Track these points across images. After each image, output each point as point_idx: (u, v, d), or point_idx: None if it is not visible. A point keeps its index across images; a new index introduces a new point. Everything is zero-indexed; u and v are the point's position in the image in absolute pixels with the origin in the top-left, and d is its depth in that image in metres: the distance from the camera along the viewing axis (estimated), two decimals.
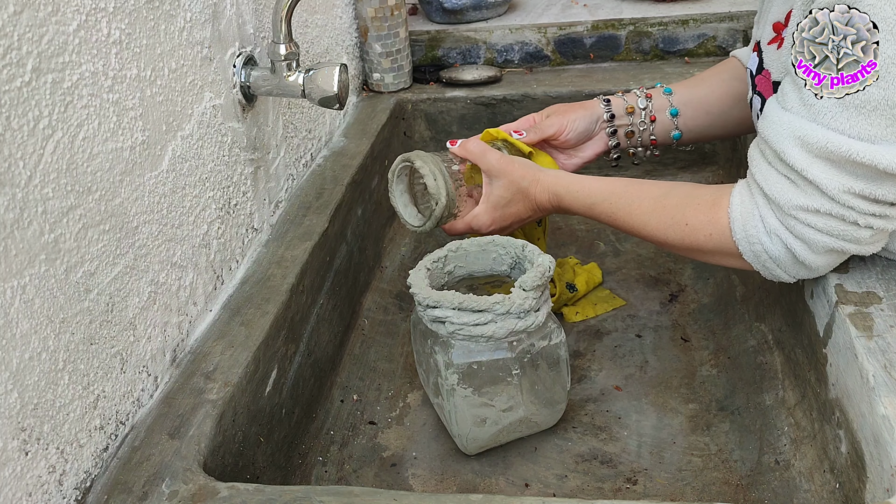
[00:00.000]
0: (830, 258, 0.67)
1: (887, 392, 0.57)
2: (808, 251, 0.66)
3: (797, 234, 0.66)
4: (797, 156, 0.63)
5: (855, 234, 0.64)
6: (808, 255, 0.66)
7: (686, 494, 0.74)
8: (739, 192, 0.71)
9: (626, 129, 0.95)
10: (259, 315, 0.76)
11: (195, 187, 0.74)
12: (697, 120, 0.94)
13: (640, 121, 0.94)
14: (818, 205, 0.64)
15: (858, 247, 0.65)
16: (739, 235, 0.70)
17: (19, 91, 0.50)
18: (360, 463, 0.80)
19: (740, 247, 0.70)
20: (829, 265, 0.69)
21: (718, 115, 0.94)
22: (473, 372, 0.74)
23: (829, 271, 0.70)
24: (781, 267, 0.69)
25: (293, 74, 0.81)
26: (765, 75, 0.75)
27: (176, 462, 0.59)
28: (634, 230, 0.79)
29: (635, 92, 0.95)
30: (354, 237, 1.01)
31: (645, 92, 0.95)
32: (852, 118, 0.60)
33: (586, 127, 0.94)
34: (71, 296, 0.56)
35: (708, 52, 1.29)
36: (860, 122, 0.59)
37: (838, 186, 0.62)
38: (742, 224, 0.69)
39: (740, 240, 0.70)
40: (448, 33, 1.34)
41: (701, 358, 0.91)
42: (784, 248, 0.67)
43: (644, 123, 0.95)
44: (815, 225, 0.65)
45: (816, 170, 0.62)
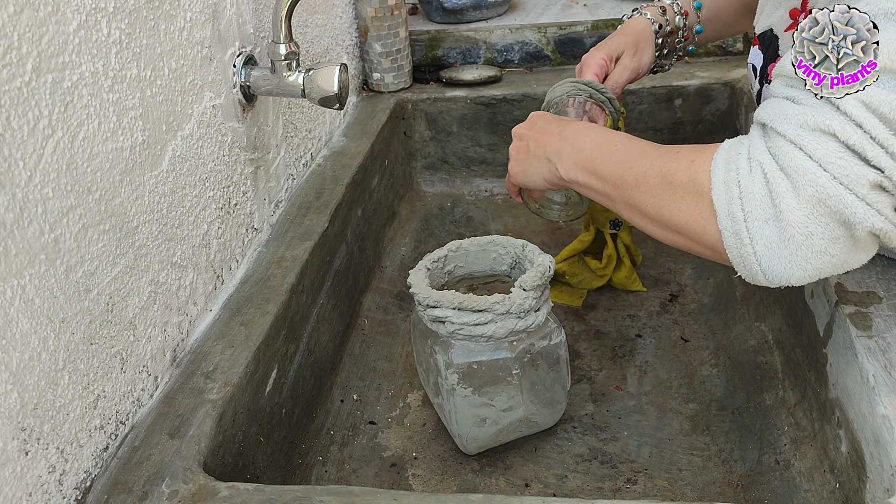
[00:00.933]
0: (812, 219, 0.52)
1: (887, 392, 0.57)
2: (790, 191, 0.52)
3: (783, 161, 0.53)
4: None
5: (857, 174, 0.51)
6: (790, 198, 0.52)
7: (686, 494, 0.74)
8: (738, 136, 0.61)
9: (669, 27, 0.96)
10: (259, 315, 0.76)
11: (195, 187, 0.74)
12: (711, 33, 0.99)
13: (678, 39, 0.96)
14: (820, 118, 0.52)
15: (855, 203, 0.51)
16: (718, 161, 0.58)
17: (19, 91, 0.50)
18: (360, 463, 0.80)
19: (713, 175, 0.57)
20: (807, 239, 0.53)
21: (730, 24, 0.98)
22: (473, 372, 0.74)
23: (805, 271, 0.54)
24: (751, 220, 0.55)
25: (293, 74, 0.81)
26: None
27: (176, 462, 0.59)
28: (625, 157, 0.67)
29: (673, 7, 0.96)
30: (354, 237, 1.01)
31: (680, 10, 0.96)
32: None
33: (653, 55, 0.94)
34: (71, 296, 0.56)
35: (708, 52, 1.29)
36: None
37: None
38: (727, 150, 0.58)
39: (717, 166, 0.57)
40: (448, 33, 1.34)
41: (701, 358, 0.91)
42: (763, 183, 0.54)
43: (681, 42, 0.97)
44: (810, 148, 0.52)
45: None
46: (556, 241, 1.16)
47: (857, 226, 0.52)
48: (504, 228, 1.21)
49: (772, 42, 0.77)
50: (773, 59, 0.76)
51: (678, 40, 0.97)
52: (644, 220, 0.65)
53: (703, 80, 1.20)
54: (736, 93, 1.18)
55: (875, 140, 0.51)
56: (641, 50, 0.93)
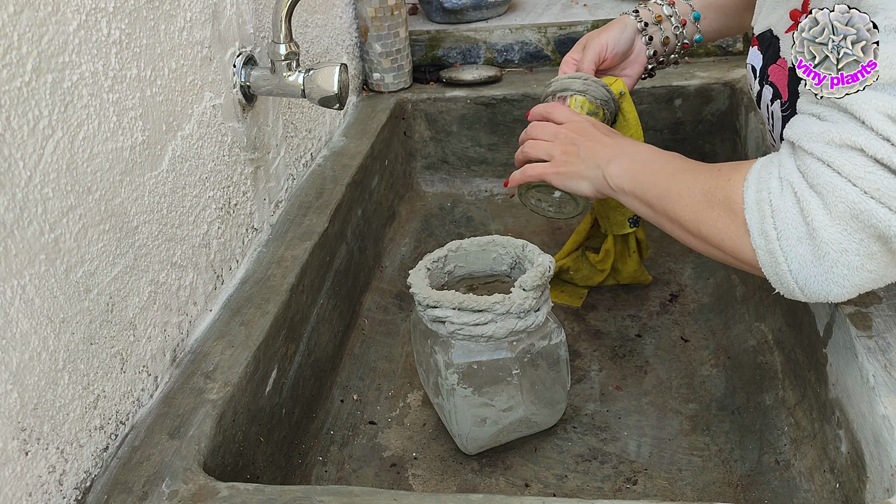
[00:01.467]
0: (846, 235, 0.52)
1: (887, 392, 0.57)
2: (822, 209, 0.53)
3: (812, 178, 0.54)
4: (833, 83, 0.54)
5: (888, 186, 0.50)
6: (822, 215, 0.53)
7: (686, 494, 0.74)
8: (772, 154, 0.62)
9: (663, 36, 0.95)
10: (259, 315, 0.76)
11: (195, 187, 0.74)
12: (715, 22, 0.96)
13: (673, 27, 0.95)
14: (845, 134, 0.52)
15: (888, 216, 0.51)
16: (751, 180, 0.59)
17: (19, 91, 0.50)
18: (360, 463, 0.80)
19: (746, 195, 0.59)
20: (841, 256, 0.53)
21: (732, 16, 0.96)
22: (473, 372, 0.74)
23: (843, 288, 0.55)
24: (784, 239, 0.55)
25: (293, 74, 0.81)
26: (780, 64, 0.74)
27: (176, 462, 0.59)
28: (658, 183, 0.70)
29: (656, 2, 0.96)
30: (354, 237, 1.01)
31: (667, 0, 0.96)
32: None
33: (623, 42, 0.93)
34: (71, 295, 0.56)
35: (708, 52, 1.29)
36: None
37: (874, 106, 0.51)
38: (759, 170, 0.60)
39: (749, 186, 0.59)
40: (448, 33, 1.34)
41: (701, 358, 0.91)
42: (794, 202, 0.55)
43: (678, 28, 0.95)
44: (838, 164, 0.52)
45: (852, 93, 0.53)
46: (556, 241, 1.16)
47: (893, 238, 0.51)
48: (504, 228, 1.21)
49: (771, 43, 0.77)
50: (774, 61, 0.75)
51: (677, 49, 0.96)
52: (684, 233, 0.67)
53: (703, 80, 1.20)
54: (736, 93, 1.18)
55: (892, 142, 0.50)
56: (607, 29, 0.93)
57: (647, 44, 0.95)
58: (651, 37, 0.95)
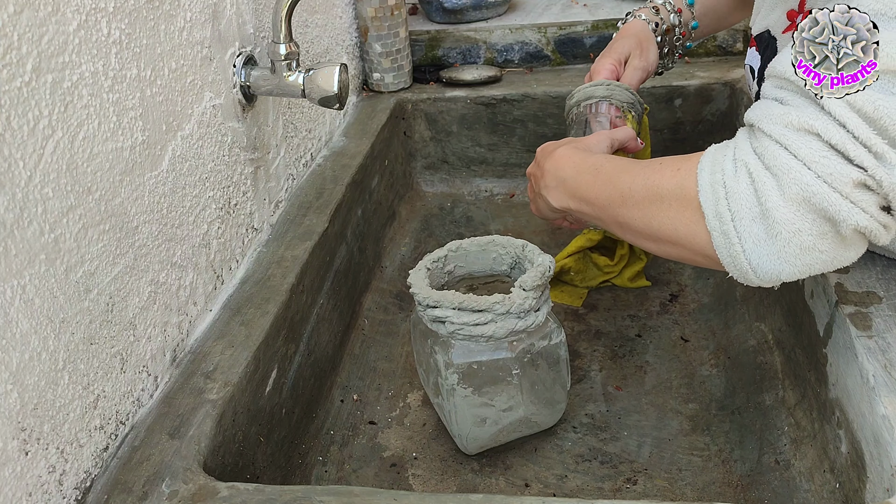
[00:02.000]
0: (799, 216, 0.53)
1: (887, 392, 0.57)
2: (776, 189, 0.53)
3: (769, 160, 0.54)
4: (788, 62, 0.54)
5: (840, 172, 0.51)
6: (775, 196, 0.53)
7: (686, 494, 0.74)
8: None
9: (667, 48, 0.96)
10: (259, 315, 0.76)
11: (195, 187, 0.74)
12: (707, 27, 0.99)
13: (676, 37, 0.96)
14: (804, 118, 0.52)
15: (839, 201, 0.52)
16: (704, 164, 0.59)
17: (19, 91, 0.50)
18: (360, 463, 0.80)
19: (700, 178, 0.58)
20: (794, 235, 0.53)
21: (725, 17, 0.99)
22: (473, 372, 0.74)
23: (794, 266, 0.55)
24: (738, 219, 0.55)
25: (293, 74, 0.81)
26: None
27: (176, 462, 0.59)
28: (609, 180, 0.69)
29: (666, 6, 0.96)
30: (354, 237, 1.01)
31: (673, 8, 0.96)
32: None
33: (657, 52, 0.94)
34: (71, 296, 0.56)
35: (708, 52, 1.29)
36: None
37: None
38: (713, 153, 0.59)
39: (703, 169, 0.58)
40: (448, 33, 1.34)
41: (701, 358, 0.91)
42: (748, 182, 0.55)
43: (679, 38, 0.97)
44: (794, 147, 0.52)
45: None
46: (557, 241, 1.16)
47: (842, 223, 0.52)
48: (504, 228, 1.21)
49: (769, 43, 0.77)
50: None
51: (676, 38, 0.97)
52: (635, 236, 0.67)
53: (703, 80, 1.20)
54: (736, 93, 1.18)
55: (858, 139, 0.51)
56: (646, 49, 0.93)
57: (654, 31, 0.95)
58: (656, 23, 0.95)
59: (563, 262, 1.03)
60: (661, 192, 0.62)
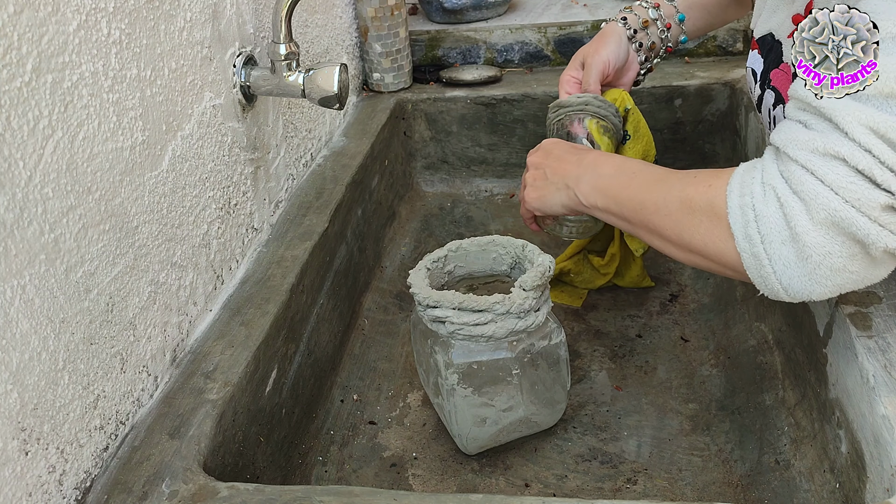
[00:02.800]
0: (828, 239, 0.54)
1: (887, 392, 0.57)
2: (804, 214, 0.54)
3: (796, 185, 0.55)
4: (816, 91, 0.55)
5: (868, 197, 0.52)
6: (804, 220, 0.54)
7: (686, 494, 0.74)
8: (753, 159, 0.62)
9: (650, 42, 0.95)
10: (259, 315, 0.76)
11: (195, 187, 0.74)
12: (699, 21, 0.97)
13: (658, 31, 0.95)
14: (829, 143, 0.53)
15: (867, 225, 0.53)
16: (733, 185, 0.60)
17: (19, 91, 0.50)
18: (360, 463, 0.80)
19: (729, 199, 0.59)
20: (825, 258, 0.54)
21: (716, 13, 0.97)
22: (473, 372, 0.74)
23: (825, 287, 0.56)
24: (768, 242, 0.57)
25: (293, 74, 0.81)
26: (783, 69, 0.74)
27: (176, 462, 0.59)
28: (644, 183, 0.70)
29: (641, 4, 0.95)
30: (354, 237, 1.01)
31: (652, 2, 0.95)
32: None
33: (622, 55, 0.93)
34: (71, 296, 0.56)
35: (708, 52, 1.29)
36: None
37: (857, 118, 0.53)
38: (741, 175, 0.60)
39: (732, 190, 0.59)
40: (448, 33, 1.34)
41: (701, 358, 0.91)
42: (777, 206, 0.56)
43: (664, 32, 0.95)
44: (821, 172, 0.53)
45: (834, 101, 0.54)
46: (556, 242, 1.16)
47: (872, 246, 0.53)
48: (504, 228, 1.21)
49: (773, 47, 0.76)
50: (776, 65, 0.75)
51: (661, 31, 0.96)
52: (664, 243, 0.68)
53: (703, 80, 1.20)
54: (736, 93, 1.18)
55: (884, 164, 0.52)
56: (605, 43, 0.93)
57: (638, 50, 0.95)
58: (641, 43, 0.95)
59: (563, 264, 1.03)
60: (694, 205, 0.63)
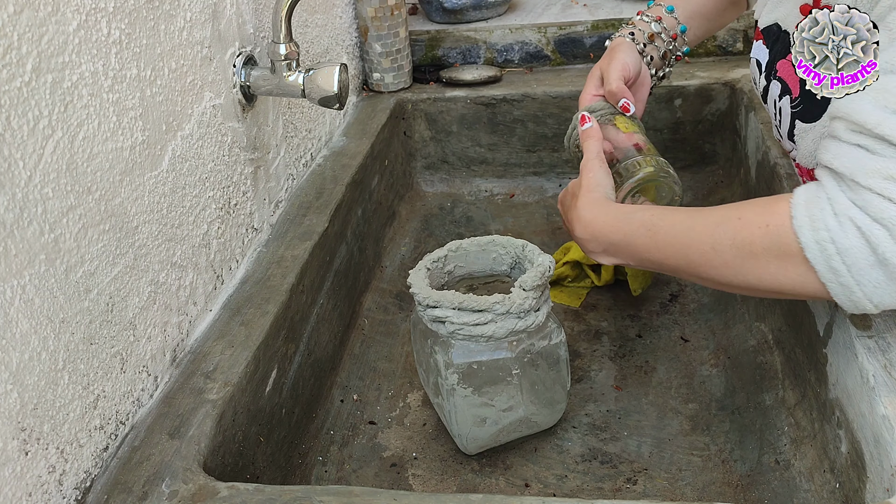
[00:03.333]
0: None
1: (887, 392, 0.57)
2: (889, 240, 0.54)
3: (875, 213, 0.54)
4: (870, 112, 0.55)
5: None
6: (890, 245, 0.54)
7: (686, 494, 0.74)
8: (805, 186, 0.61)
9: (659, 53, 0.95)
10: (259, 315, 0.76)
11: (195, 187, 0.74)
12: (699, 30, 0.97)
13: (665, 42, 0.95)
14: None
15: None
16: (801, 220, 0.58)
17: (19, 91, 0.50)
18: (360, 463, 0.80)
19: (801, 236, 0.57)
20: None
21: (715, 19, 0.98)
22: (473, 372, 0.74)
23: None
24: (855, 271, 0.56)
25: (293, 74, 0.81)
26: (790, 60, 0.74)
27: (176, 462, 0.59)
28: (678, 243, 0.68)
29: (643, 19, 0.95)
30: (354, 237, 1.01)
31: (653, 17, 0.95)
32: None
33: (637, 62, 0.92)
34: (71, 296, 0.56)
35: (708, 52, 1.29)
36: None
37: None
38: (806, 207, 0.58)
39: (802, 226, 0.57)
40: (448, 33, 1.34)
41: (701, 358, 0.91)
42: (858, 236, 0.55)
43: (670, 43, 0.95)
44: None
45: (894, 122, 0.54)
46: (556, 241, 1.16)
47: None
48: (504, 228, 1.21)
49: (779, 37, 0.76)
50: (783, 56, 0.75)
51: (668, 42, 0.96)
52: (724, 287, 0.67)
53: (703, 80, 1.20)
54: (736, 93, 1.18)
55: None
56: (618, 53, 0.91)
57: (649, 64, 0.94)
58: (651, 56, 0.94)
59: (559, 270, 1.03)
60: (755, 249, 0.61)
